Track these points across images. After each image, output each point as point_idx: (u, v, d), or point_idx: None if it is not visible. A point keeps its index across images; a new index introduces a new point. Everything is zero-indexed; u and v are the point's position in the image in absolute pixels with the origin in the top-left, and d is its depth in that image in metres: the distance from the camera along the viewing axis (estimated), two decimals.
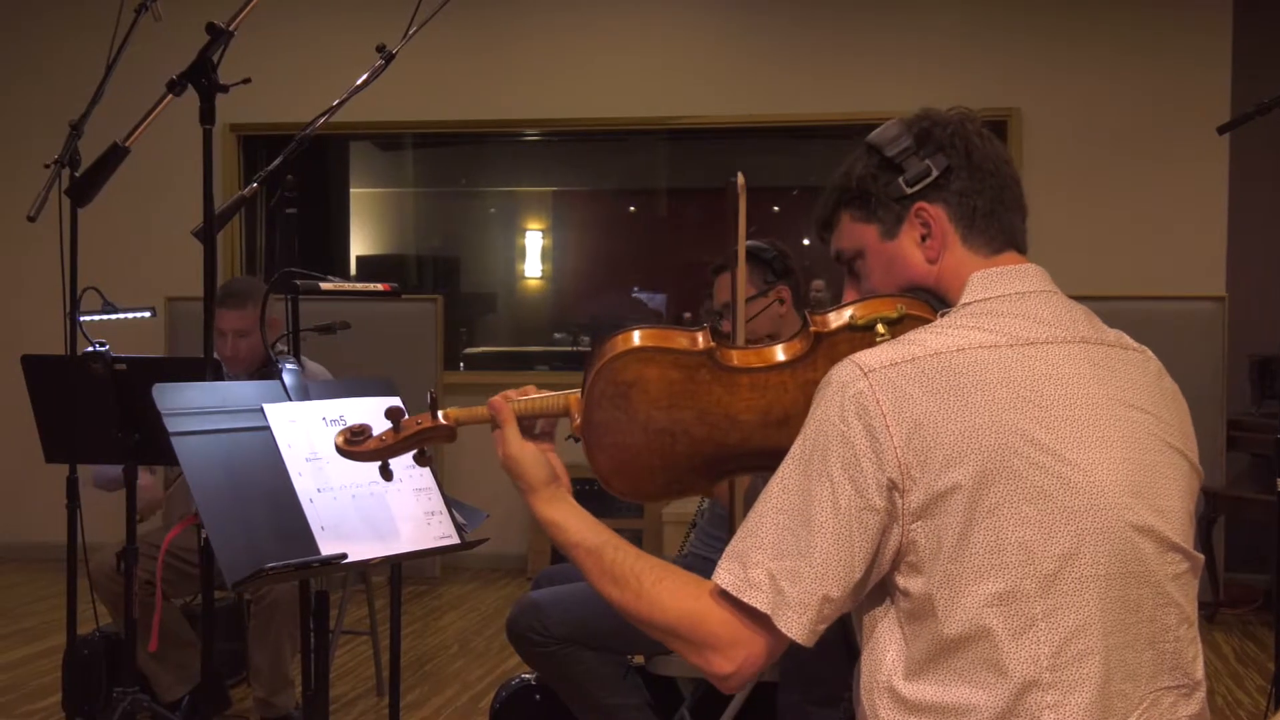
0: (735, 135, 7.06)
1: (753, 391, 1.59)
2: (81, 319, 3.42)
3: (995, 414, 1.40)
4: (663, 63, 6.70)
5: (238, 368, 4.02)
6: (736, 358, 1.61)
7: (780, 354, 1.61)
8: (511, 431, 1.69)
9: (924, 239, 1.57)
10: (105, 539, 3.86)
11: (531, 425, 1.71)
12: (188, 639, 3.96)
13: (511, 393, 1.73)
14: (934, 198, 1.56)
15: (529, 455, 1.68)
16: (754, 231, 3.28)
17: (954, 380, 1.42)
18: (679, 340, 1.61)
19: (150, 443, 3.27)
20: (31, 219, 3.23)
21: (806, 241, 7.52)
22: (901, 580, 1.43)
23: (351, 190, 8.35)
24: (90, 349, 3.25)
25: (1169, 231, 6.32)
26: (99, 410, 3.27)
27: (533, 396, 1.71)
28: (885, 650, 1.45)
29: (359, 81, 2.87)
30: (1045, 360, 1.46)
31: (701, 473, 1.65)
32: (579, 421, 1.63)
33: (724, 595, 1.44)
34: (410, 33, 2.84)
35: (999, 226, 1.56)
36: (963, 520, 1.39)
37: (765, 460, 1.60)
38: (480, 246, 8.80)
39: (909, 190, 1.56)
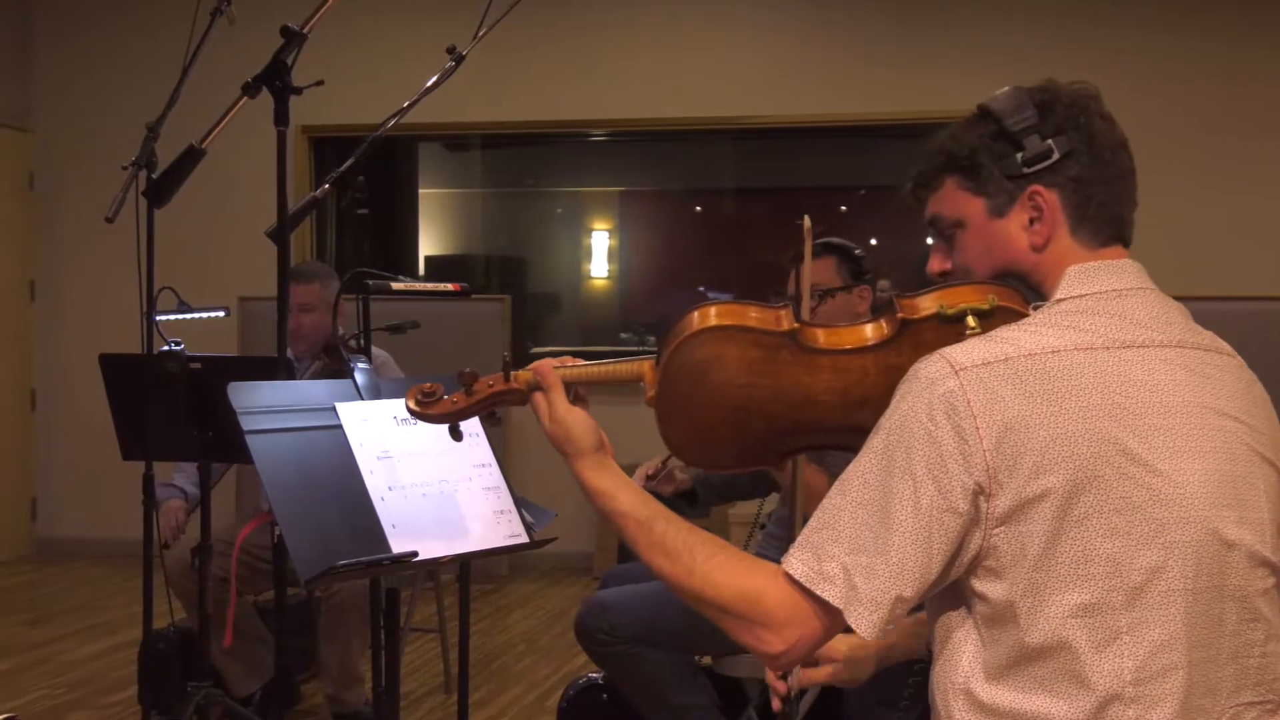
0: (802, 135, 7.03)
1: (833, 373, 1.56)
2: (157, 319, 3.47)
3: (1089, 421, 1.36)
4: (729, 62, 6.68)
5: (301, 345, 4.05)
6: (822, 338, 1.57)
7: (863, 336, 1.57)
8: (558, 394, 1.65)
9: (1032, 223, 1.50)
10: (181, 535, 3.92)
11: (570, 392, 1.67)
12: (259, 635, 4.01)
13: (560, 361, 1.70)
14: (1050, 181, 1.49)
15: (578, 420, 1.63)
16: (821, 231, 3.27)
17: (1048, 384, 1.38)
18: (761, 319, 1.58)
19: (223, 441, 3.31)
20: (110, 220, 3.28)
21: (875, 241, 7.46)
22: (978, 584, 1.40)
23: (420, 191, 8.42)
24: (166, 348, 3.30)
25: (1252, 229, 6.20)
26: (174, 409, 3.32)
27: (602, 363, 1.67)
28: (960, 652, 1.42)
29: (429, 83, 2.89)
30: (1141, 365, 1.41)
31: (773, 447, 1.63)
32: (653, 393, 1.61)
33: (787, 578, 1.41)
34: (480, 34, 2.86)
35: (1108, 218, 1.50)
36: (1050, 528, 1.35)
37: (838, 437, 1.58)
38: (547, 246, 8.84)
39: (1026, 170, 1.49)
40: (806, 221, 1.84)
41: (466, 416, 1.78)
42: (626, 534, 1.56)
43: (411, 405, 1.77)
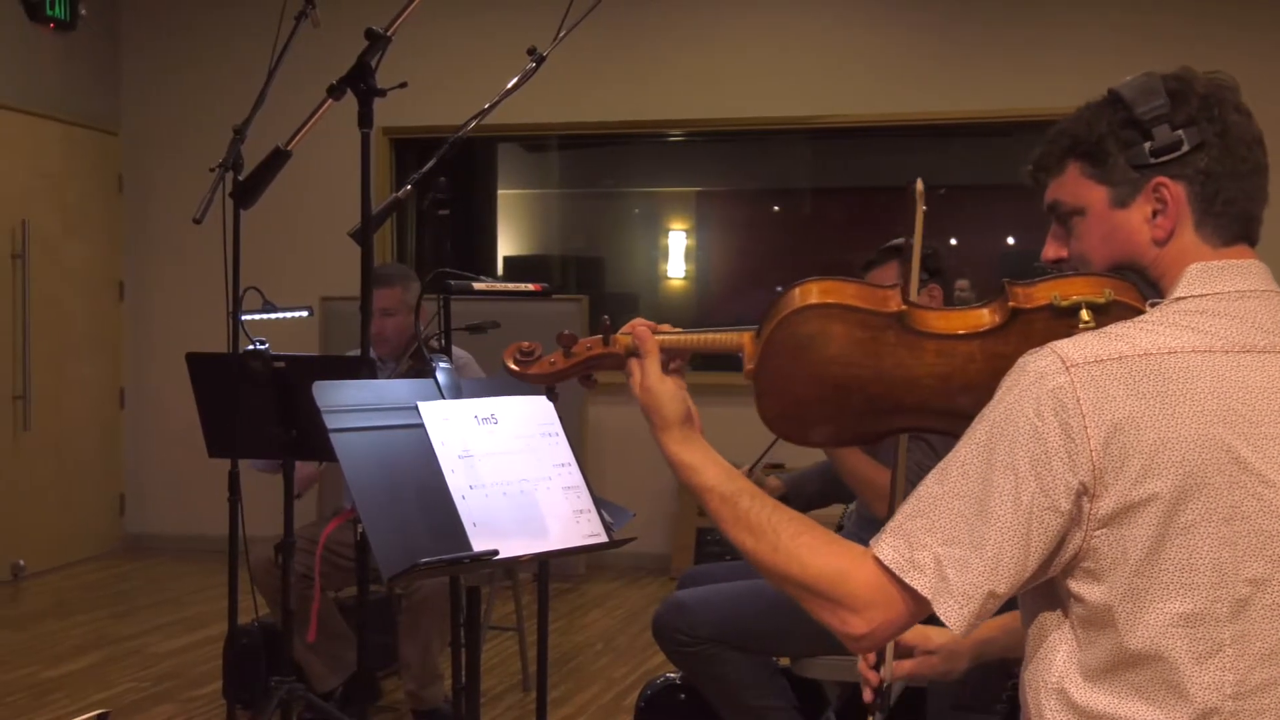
0: (879, 134, 6.98)
1: (938, 357, 1.53)
2: (243, 318, 3.52)
3: (1201, 426, 1.33)
4: (806, 62, 6.65)
5: (384, 348, 4.10)
6: (929, 321, 1.55)
7: (971, 323, 1.53)
8: (653, 363, 1.62)
9: (1155, 215, 1.45)
10: (265, 532, 3.98)
11: (666, 361, 1.65)
12: (341, 631, 4.06)
13: (658, 327, 1.67)
14: (1176, 173, 1.44)
15: (669, 390, 1.61)
16: (902, 230, 3.25)
17: (1161, 385, 1.34)
18: (868, 298, 1.56)
19: (306, 438, 3.35)
20: (198, 221, 3.34)
21: (954, 241, 7.39)
22: (1075, 586, 1.38)
23: (499, 191, 8.47)
24: (251, 347, 3.34)
25: None
26: (259, 407, 3.37)
27: (702, 332, 1.65)
28: (1055, 652, 1.40)
29: (510, 84, 2.91)
30: (1261, 371, 1.37)
31: (869, 427, 1.62)
32: (752, 366, 1.59)
33: (875, 562, 1.39)
34: (560, 35, 2.87)
35: (1236, 215, 1.45)
36: (1154, 534, 1.33)
37: (936, 421, 1.56)
38: (624, 247, 8.85)
39: (1153, 161, 1.44)
40: (919, 185, 1.80)
41: (563, 378, 1.76)
42: (710, 509, 1.54)
43: (510, 365, 1.76)
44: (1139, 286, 1.49)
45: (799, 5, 6.69)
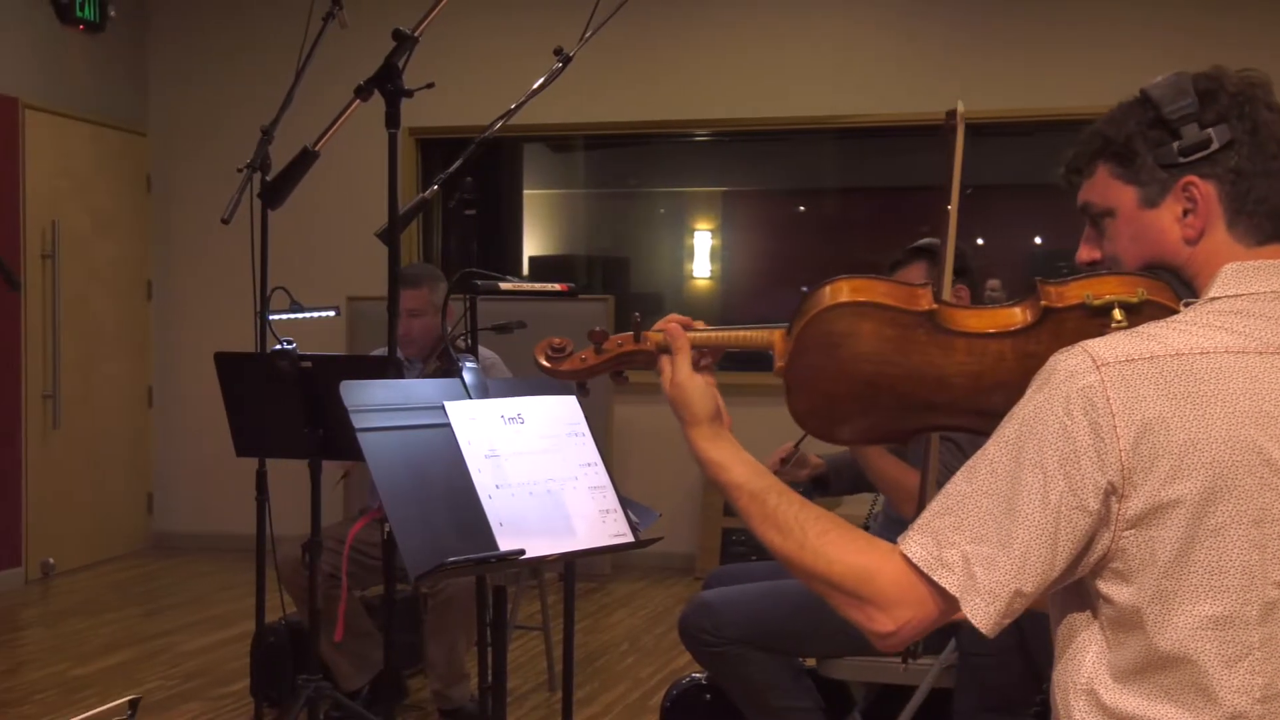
0: (906, 134, 6.96)
1: (969, 356, 1.53)
2: (270, 318, 3.53)
3: (1233, 428, 1.32)
4: (832, 61, 6.64)
5: (411, 349, 4.11)
6: (960, 320, 1.54)
7: (1002, 321, 1.53)
8: (684, 359, 1.63)
9: (1185, 214, 1.44)
10: (292, 531, 3.99)
11: (697, 359, 1.65)
12: (367, 630, 4.07)
13: (690, 323, 1.67)
14: (1206, 172, 1.42)
15: (698, 386, 1.61)
16: (928, 231, 3.24)
17: (1193, 386, 1.33)
18: (900, 296, 1.56)
19: (333, 438, 3.36)
20: (226, 221, 3.36)
21: (981, 241, 7.36)
22: (1104, 586, 1.37)
23: (524, 191, 8.48)
24: (278, 347, 3.36)
25: None
26: (286, 406, 3.38)
27: (733, 329, 1.65)
28: (1084, 652, 1.40)
29: (537, 84, 2.91)
30: None
31: (899, 425, 1.62)
32: (782, 364, 1.59)
33: (903, 559, 1.39)
34: (587, 36, 2.87)
35: (1268, 213, 1.43)
36: (1183, 536, 1.32)
37: (967, 420, 1.56)
38: (649, 246, 8.84)
39: (1181, 160, 1.43)
40: (959, 107, 1.79)
41: (595, 374, 1.77)
42: (739, 506, 1.54)
43: (542, 361, 1.77)
44: (1173, 286, 1.47)
45: (824, 5, 6.68)
